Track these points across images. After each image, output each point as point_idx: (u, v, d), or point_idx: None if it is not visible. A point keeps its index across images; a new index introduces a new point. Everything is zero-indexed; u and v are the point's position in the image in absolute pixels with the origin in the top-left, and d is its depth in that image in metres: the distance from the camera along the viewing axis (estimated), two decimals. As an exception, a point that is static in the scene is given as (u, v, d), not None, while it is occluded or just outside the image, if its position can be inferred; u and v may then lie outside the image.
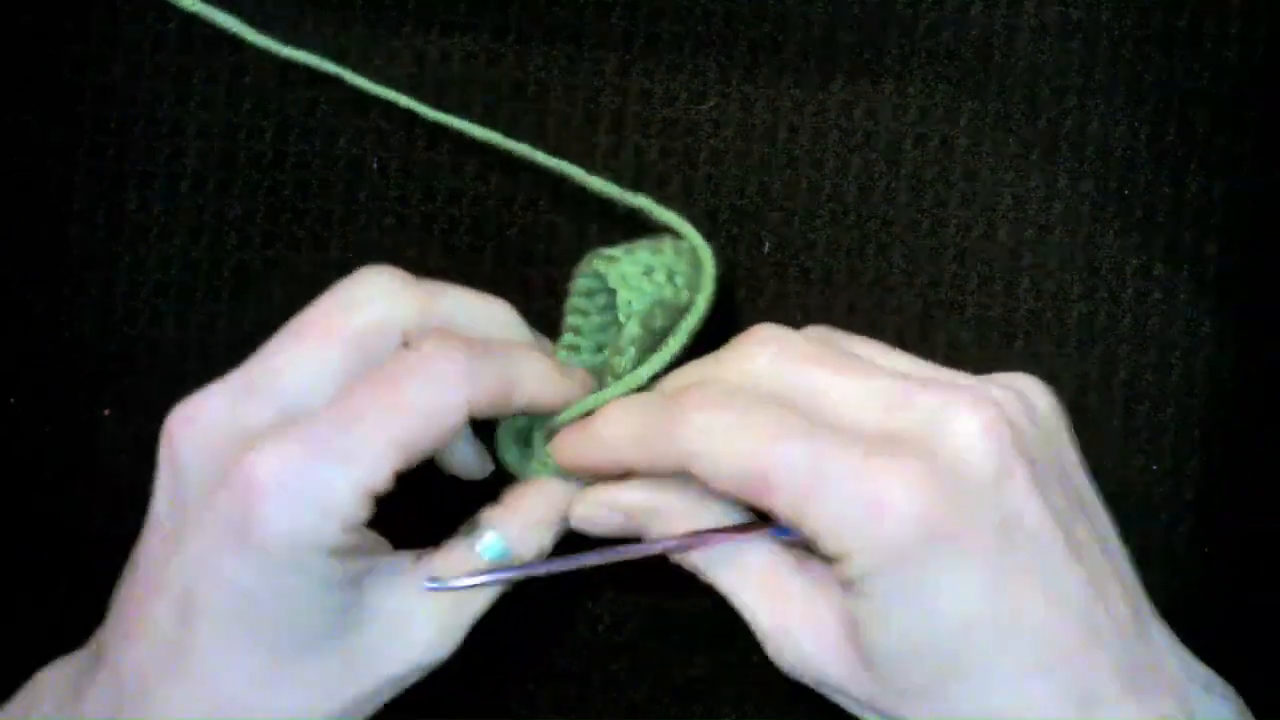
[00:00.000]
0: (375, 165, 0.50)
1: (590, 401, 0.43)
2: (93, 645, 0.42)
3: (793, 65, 0.50)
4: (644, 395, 0.42)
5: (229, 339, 0.49)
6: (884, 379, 0.39)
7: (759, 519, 0.42)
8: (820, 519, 0.37)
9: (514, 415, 0.44)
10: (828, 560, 0.39)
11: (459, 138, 0.49)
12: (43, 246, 0.50)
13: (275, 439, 0.38)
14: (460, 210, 0.50)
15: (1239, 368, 0.48)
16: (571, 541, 0.45)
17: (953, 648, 0.37)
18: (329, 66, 0.49)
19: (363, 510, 0.39)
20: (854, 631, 0.39)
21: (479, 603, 0.43)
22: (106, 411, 0.49)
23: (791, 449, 0.37)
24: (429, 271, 0.49)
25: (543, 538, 0.43)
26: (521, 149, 0.47)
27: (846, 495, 0.37)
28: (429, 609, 0.41)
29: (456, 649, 0.42)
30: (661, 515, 0.42)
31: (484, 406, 0.40)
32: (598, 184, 0.47)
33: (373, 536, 0.42)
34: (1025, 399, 0.40)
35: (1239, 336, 0.48)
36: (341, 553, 0.39)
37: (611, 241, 0.48)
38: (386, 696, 0.42)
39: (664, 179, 0.49)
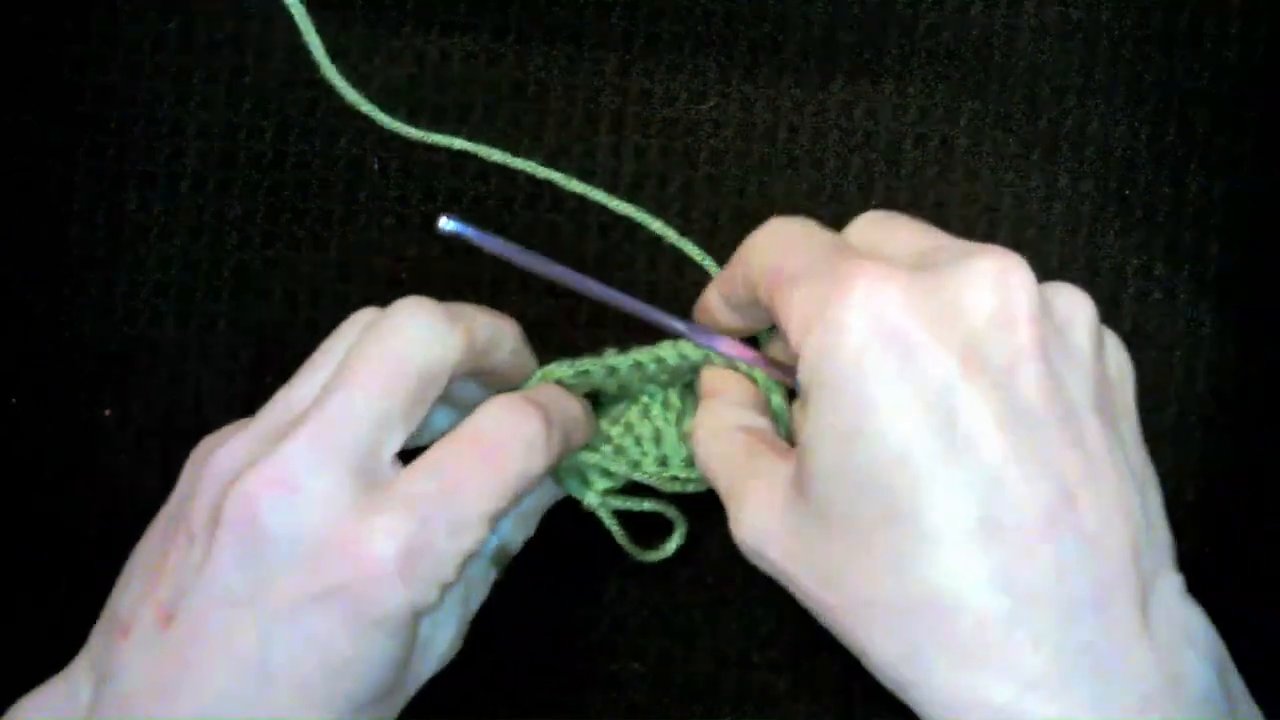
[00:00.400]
0: (375, 165, 0.50)
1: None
2: (79, 674, 0.40)
3: (793, 65, 0.50)
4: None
5: (229, 339, 0.49)
6: (939, 235, 0.39)
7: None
8: (792, 300, 0.36)
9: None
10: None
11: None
12: (43, 246, 0.50)
13: (389, 513, 0.37)
14: (460, 210, 0.50)
15: (1240, 368, 0.48)
16: (576, 543, 0.45)
17: (881, 478, 0.33)
18: (461, 144, 0.50)
19: (459, 574, 0.39)
20: (798, 474, 0.36)
21: (483, 592, 0.43)
22: (107, 412, 0.49)
23: (807, 245, 0.38)
24: (429, 271, 0.49)
25: (529, 526, 0.45)
26: (596, 195, 0.49)
27: (823, 282, 0.35)
28: (449, 612, 0.42)
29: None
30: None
31: (547, 469, 0.41)
32: (639, 215, 0.49)
33: None
34: (1092, 305, 0.37)
35: (1239, 336, 0.48)
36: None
37: (612, 242, 0.49)
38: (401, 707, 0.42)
39: (664, 179, 0.49)
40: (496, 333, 0.42)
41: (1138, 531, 0.35)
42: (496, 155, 0.49)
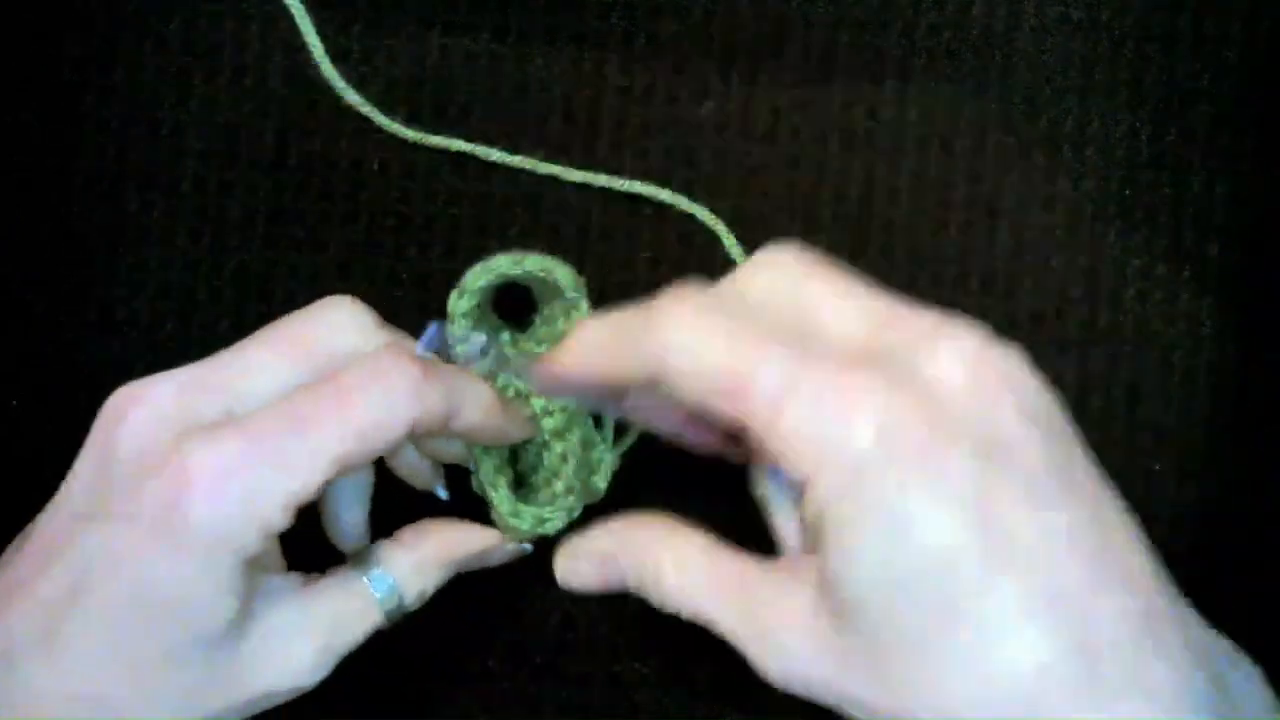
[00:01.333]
0: (376, 166, 0.50)
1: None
2: None
3: (794, 65, 0.50)
4: (620, 310, 0.39)
5: (230, 340, 0.49)
6: (881, 299, 0.36)
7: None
8: (786, 433, 0.34)
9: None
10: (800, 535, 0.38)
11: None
12: (43, 247, 0.50)
13: (216, 434, 0.38)
14: (462, 210, 0.50)
15: (1241, 368, 0.48)
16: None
17: (935, 584, 0.33)
18: (458, 144, 0.50)
19: (286, 519, 0.38)
20: (828, 597, 0.35)
21: (356, 631, 0.42)
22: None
23: (769, 354, 0.35)
24: (430, 272, 0.49)
25: (427, 580, 0.43)
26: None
27: (813, 407, 0.34)
28: (309, 631, 0.41)
29: (326, 677, 0.41)
30: (631, 547, 0.40)
31: (425, 426, 0.40)
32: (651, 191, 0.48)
33: (276, 550, 0.42)
34: (1026, 357, 0.37)
35: (1241, 336, 0.48)
36: (251, 560, 0.38)
37: (613, 243, 0.49)
38: (247, 713, 0.41)
39: (665, 179, 0.49)
40: (465, 401, 0.41)
41: (1149, 558, 0.36)
42: (496, 155, 0.49)
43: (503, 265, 0.44)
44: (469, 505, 0.45)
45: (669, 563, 0.39)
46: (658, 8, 0.50)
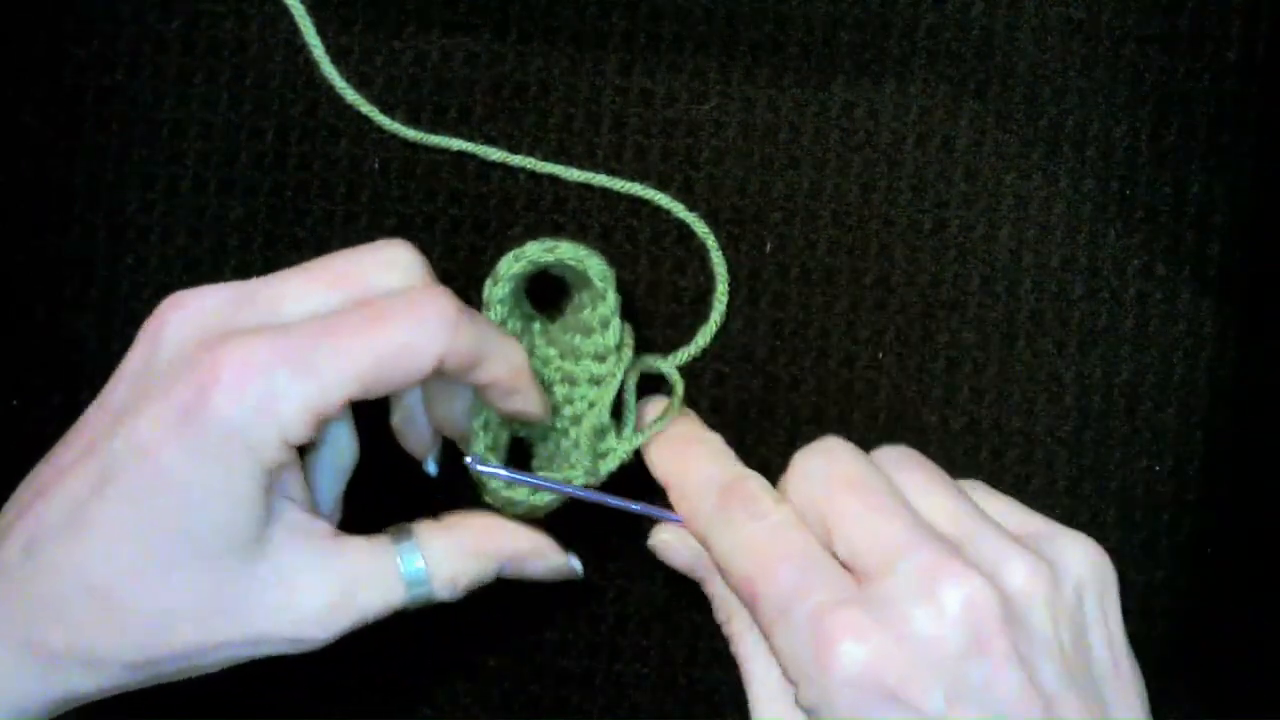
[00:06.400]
0: (376, 166, 0.50)
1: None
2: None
3: (794, 65, 0.50)
4: (706, 455, 0.44)
5: (230, 340, 0.49)
6: (900, 526, 0.39)
7: None
8: (779, 646, 0.38)
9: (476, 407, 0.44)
10: None
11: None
12: (44, 248, 0.50)
13: (248, 336, 0.39)
14: (462, 210, 0.50)
15: (1241, 368, 0.48)
16: (579, 544, 0.45)
17: None
18: (458, 144, 0.50)
19: (306, 428, 0.39)
20: None
21: (374, 599, 0.41)
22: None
23: (780, 570, 0.39)
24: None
25: (460, 567, 0.43)
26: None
27: (803, 634, 0.38)
28: (324, 580, 0.41)
29: (333, 639, 0.41)
30: (718, 583, 0.43)
31: (453, 365, 0.40)
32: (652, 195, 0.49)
33: (300, 488, 0.41)
34: (1057, 565, 0.39)
35: (1241, 336, 0.48)
36: (268, 473, 0.39)
37: (614, 243, 0.49)
38: (251, 654, 0.41)
39: (665, 179, 0.49)
40: (498, 351, 0.42)
41: None
42: (496, 155, 0.49)
43: (535, 253, 0.44)
44: (465, 498, 0.45)
45: (742, 617, 0.43)
46: (658, 8, 0.50)
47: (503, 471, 0.43)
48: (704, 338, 0.49)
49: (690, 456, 0.44)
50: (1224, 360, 0.48)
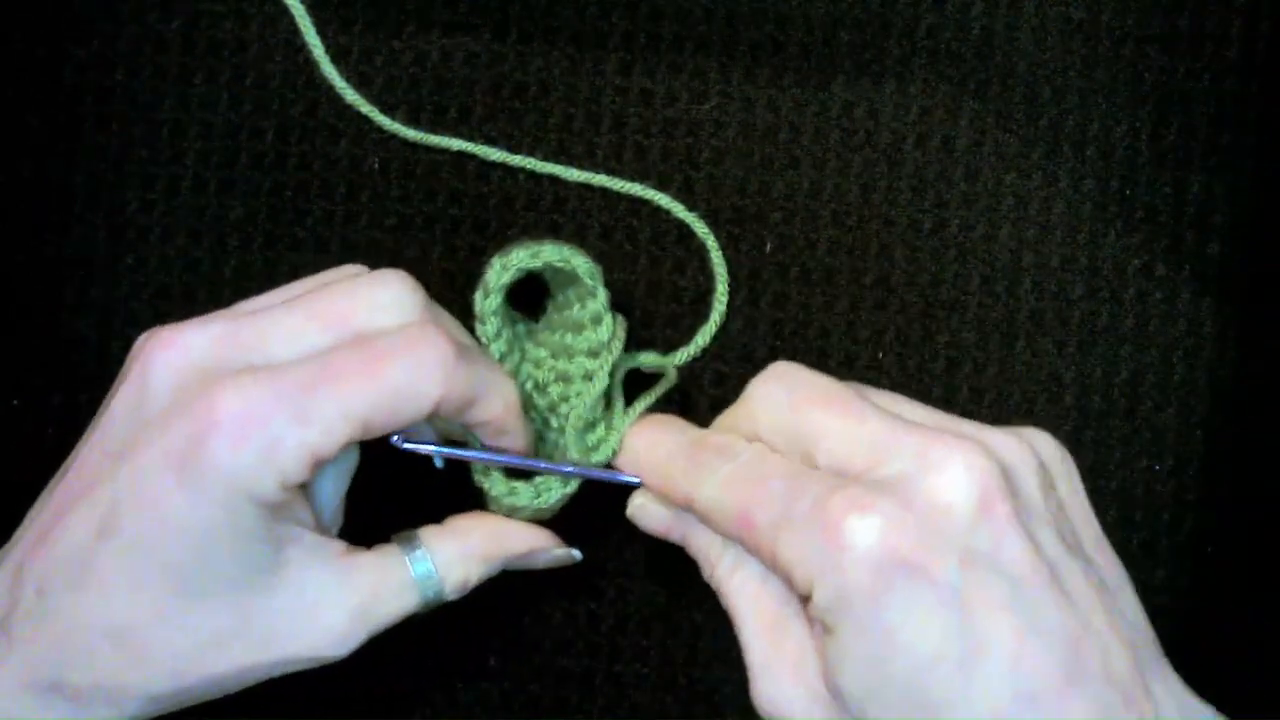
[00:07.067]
0: (376, 166, 0.50)
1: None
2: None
3: (794, 65, 0.50)
4: (671, 429, 0.43)
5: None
6: (879, 422, 0.39)
7: None
8: (786, 555, 0.38)
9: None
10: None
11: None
12: (44, 248, 0.50)
13: (245, 380, 0.38)
14: (462, 210, 0.50)
15: (1241, 367, 0.48)
16: (578, 544, 0.45)
17: (917, 685, 0.36)
18: (458, 144, 0.50)
19: (304, 472, 0.39)
20: (828, 678, 0.38)
21: (391, 608, 0.42)
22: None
23: (769, 489, 0.39)
24: (431, 272, 0.49)
25: (470, 570, 0.43)
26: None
27: (808, 530, 0.37)
28: (343, 597, 0.41)
29: (354, 651, 0.41)
30: (700, 533, 0.43)
31: (449, 408, 0.40)
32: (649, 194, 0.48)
33: (308, 512, 0.42)
34: (1028, 445, 0.39)
35: (1241, 336, 0.48)
36: (272, 509, 0.39)
37: (614, 243, 0.49)
38: (272, 674, 0.41)
39: (665, 179, 0.49)
40: (490, 392, 0.42)
41: (1134, 648, 0.38)
42: (496, 155, 0.49)
43: (522, 259, 0.44)
44: (466, 496, 0.45)
45: (726, 562, 0.42)
46: (658, 8, 0.50)
47: (430, 448, 0.43)
48: (704, 338, 0.49)
49: (652, 435, 0.44)
50: (1224, 360, 0.48)
